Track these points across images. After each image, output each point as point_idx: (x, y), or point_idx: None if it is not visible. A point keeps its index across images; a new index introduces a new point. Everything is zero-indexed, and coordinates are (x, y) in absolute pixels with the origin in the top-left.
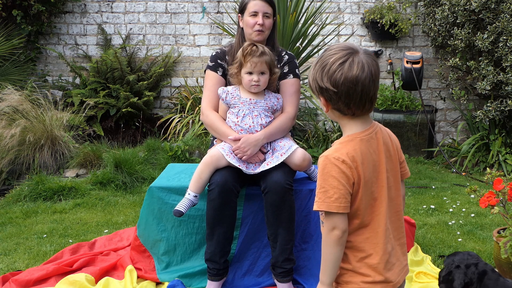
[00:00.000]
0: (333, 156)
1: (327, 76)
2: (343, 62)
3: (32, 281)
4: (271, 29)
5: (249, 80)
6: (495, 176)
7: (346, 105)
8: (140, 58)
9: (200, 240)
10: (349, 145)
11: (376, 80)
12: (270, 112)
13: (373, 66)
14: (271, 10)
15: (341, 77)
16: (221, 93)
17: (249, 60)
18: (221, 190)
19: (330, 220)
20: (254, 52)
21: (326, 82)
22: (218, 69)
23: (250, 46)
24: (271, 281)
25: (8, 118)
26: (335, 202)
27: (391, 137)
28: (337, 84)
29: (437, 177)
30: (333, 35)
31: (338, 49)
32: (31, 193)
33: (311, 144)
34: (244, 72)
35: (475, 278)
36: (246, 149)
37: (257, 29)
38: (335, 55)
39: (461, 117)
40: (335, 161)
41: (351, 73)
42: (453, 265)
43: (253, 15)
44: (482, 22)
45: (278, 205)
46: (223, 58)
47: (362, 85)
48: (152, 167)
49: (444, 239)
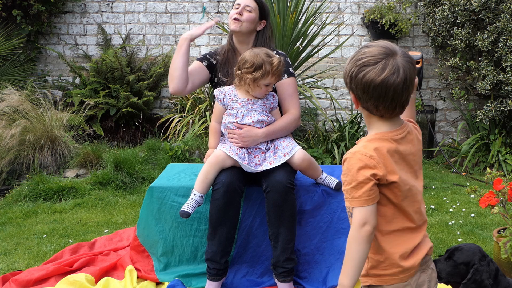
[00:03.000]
0: (361, 152)
1: (358, 75)
2: (376, 63)
3: (32, 281)
4: (252, 24)
5: (265, 91)
6: (495, 176)
7: (375, 107)
8: (140, 58)
9: (198, 243)
10: (377, 142)
11: (410, 85)
12: (268, 111)
13: (409, 70)
14: (254, 5)
15: (372, 79)
16: (218, 94)
17: (275, 78)
18: (226, 190)
19: (360, 216)
20: (281, 72)
21: (356, 81)
22: (204, 61)
23: (281, 65)
24: (271, 281)
25: (8, 118)
26: (363, 196)
27: (419, 137)
28: (367, 85)
29: (437, 177)
30: (333, 35)
31: (376, 48)
32: (31, 193)
33: (311, 144)
34: (265, 83)
35: (493, 274)
36: (246, 139)
37: (233, 17)
38: (370, 54)
39: (461, 117)
40: (362, 156)
41: (382, 76)
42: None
43: (236, 7)
44: (482, 22)
45: (280, 204)
46: (213, 56)
47: (394, 90)
48: (152, 167)
49: (444, 239)
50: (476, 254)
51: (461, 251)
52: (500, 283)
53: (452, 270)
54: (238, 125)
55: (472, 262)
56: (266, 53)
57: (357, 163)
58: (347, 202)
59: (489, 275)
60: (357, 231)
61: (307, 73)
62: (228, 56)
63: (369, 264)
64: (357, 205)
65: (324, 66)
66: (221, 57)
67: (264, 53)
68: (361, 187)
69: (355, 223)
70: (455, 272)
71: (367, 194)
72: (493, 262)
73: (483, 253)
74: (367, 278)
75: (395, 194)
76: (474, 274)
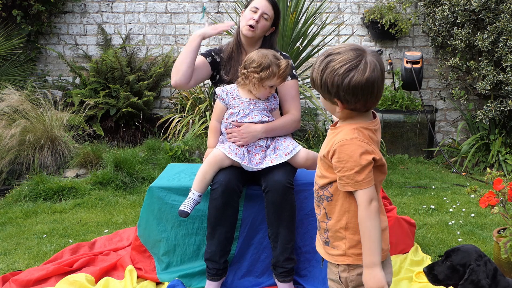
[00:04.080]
0: (358, 139)
1: (344, 82)
2: (356, 66)
3: (32, 281)
4: (264, 32)
5: (269, 92)
6: (495, 176)
7: (363, 105)
8: (140, 58)
9: (200, 241)
10: (365, 131)
11: (383, 76)
12: (269, 112)
13: (381, 63)
14: (272, 13)
15: (359, 81)
16: (220, 92)
17: (281, 80)
18: (224, 189)
19: (366, 195)
20: (286, 75)
21: (342, 88)
22: (208, 57)
23: (288, 69)
24: (271, 281)
25: (8, 118)
26: (367, 178)
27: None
28: (356, 87)
29: (437, 177)
30: (333, 35)
31: (348, 52)
32: (31, 193)
33: (311, 144)
34: (270, 84)
35: (491, 274)
36: (245, 135)
37: (250, 24)
38: (345, 60)
39: (461, 117)
40: (360, 143)
41: (366, 75)
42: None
43: (253, 10)
44: (482, 22)
45: (279, 204)
46: (219, 53)
47: (377, 85)
48: (152, 167)
49: (444, 239)
50: (472, 255)
51: (457, 252)
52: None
53: (449, 272)
54: (237, 123)
55: (468, 262)
56: (274, 55)
57: (357, 149)
58: (348, 187)
59: (487, 275)
60: (367, 209)
61: (307, 73)
62: (233, 54)
63: (347, 244)
64: (362, 187)
65: None
66: (226, 55)
67: (272, 55)
68: (363, 171)
69: (363, 203)
70: (452, 274)
71: (369, 175)
72: (491, 262)
73: (479, 253)
74: (345, 257)
75: (383, 173)
76: (470, 275)
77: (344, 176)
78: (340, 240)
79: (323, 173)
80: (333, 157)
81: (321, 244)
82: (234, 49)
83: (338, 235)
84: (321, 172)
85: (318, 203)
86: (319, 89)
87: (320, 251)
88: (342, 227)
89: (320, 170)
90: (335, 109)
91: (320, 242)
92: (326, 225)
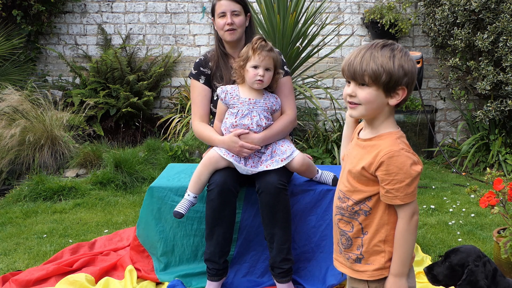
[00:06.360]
0: (405, 149)
1: (413, 66)
2: (407, 52)
3: (32, 281)
4: (244, 26)
5: (254, 74)
6: (495, 176)
7: (410, 90)
8: (140, 58)
9: (198, 243)
10: (405, 140)
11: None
12: (269, 112)
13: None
14: (239, 7)
15: (416, 68)
16: (220, 92)
17: (258, 53)
18: (220, 190)
19: (410, 209)
20: (263, 47)
21: (412, 74)
22: (200, 77)
23: (259, 40)
24: (271, 281)
25: (8, 118)
26: (415, 191)
27: None
28: (416, 75)
29: (437, 177)
30: (333, 35)
31: (388, 41)
32: (31, 193)
33: (311, 144)
34: (250, 65)
35: (490, 275)
36: (245, 152)
37: (227, 29)
38: (396, 46)
39: (461, 117)
40: (408, 154)
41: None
42: (470, 265)
43: (221, 16)
44: (482, 22)
45: (273, 205)
46: (206, 65)
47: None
48: (152, 167)
49: (444, 239)
50: (471, 255)
51: (456, 253)
52: (499, 284)
53: (448, 272)
54: (235, 133)
55: (466, 263)
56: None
57: (407, 160)
58: (396, 200)
59: (486, 276)
60: (408, 224)
61: (307, 73)
62: (220, 63)
63: (386, 257)
64: (410, 200)
65: (324, 66)
66: (213, 64)
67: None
68: (413, 183)
69: (406, 217)
70: (451, 274)
71: (416, 187)
72: (490, 262)
73: (478, 254)
74: (383, 270)
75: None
76: (468, 275)
77: (393, 189)
78: (378, 254)
79: (359, 187)
80: (379, 169)
81: (346, 262)
82: (220, 58)
83: (375, 249)
84: (354, 186)
85: (349, 219)
86: (383, 77)
87: (345, 270)
88: (381, 240)
89: (352, 185)
90: (385, 104)
91: (343, 260)
92: (362, 240)
